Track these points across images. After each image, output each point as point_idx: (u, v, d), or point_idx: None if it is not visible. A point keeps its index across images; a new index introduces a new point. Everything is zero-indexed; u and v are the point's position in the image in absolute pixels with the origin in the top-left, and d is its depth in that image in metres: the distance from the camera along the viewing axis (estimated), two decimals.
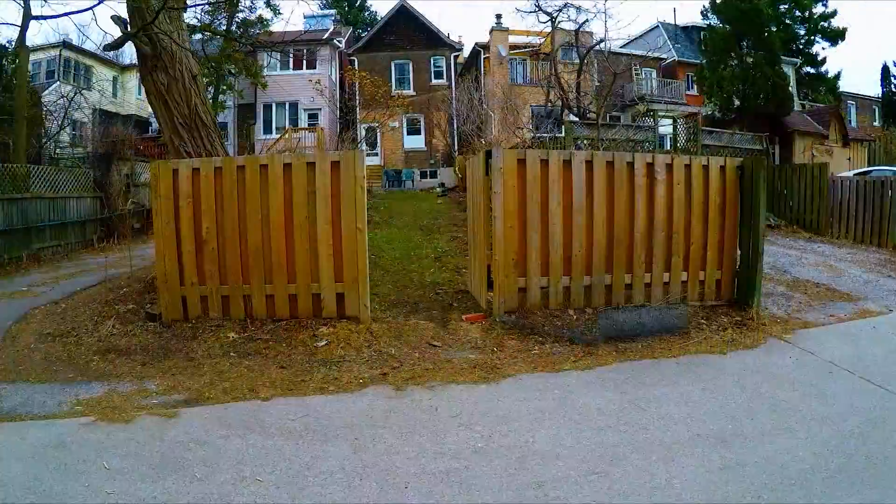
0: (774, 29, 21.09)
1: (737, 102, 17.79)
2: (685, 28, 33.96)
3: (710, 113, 19.67)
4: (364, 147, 26.08)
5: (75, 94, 17.96)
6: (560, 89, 17.24)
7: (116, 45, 8.57)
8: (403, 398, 4.03)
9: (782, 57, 19.50)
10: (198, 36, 23.83)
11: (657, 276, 5.86)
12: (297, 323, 5.42)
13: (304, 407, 3.89)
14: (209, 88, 22.68)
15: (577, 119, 16.54)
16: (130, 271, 7.75)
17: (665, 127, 17.41)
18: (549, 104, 19.84)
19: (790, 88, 19.86)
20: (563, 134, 14.80)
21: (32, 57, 25.42)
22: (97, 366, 4.77)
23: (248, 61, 23.51)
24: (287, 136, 22.22)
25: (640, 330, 5.24)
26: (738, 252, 6.06)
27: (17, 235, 10.33)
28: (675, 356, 4.81)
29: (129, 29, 7.21)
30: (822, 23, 30.44)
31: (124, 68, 29.78)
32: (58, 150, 17.91)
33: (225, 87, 22.75)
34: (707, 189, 5.90)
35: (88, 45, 27.11)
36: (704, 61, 19.47)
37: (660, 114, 17.91)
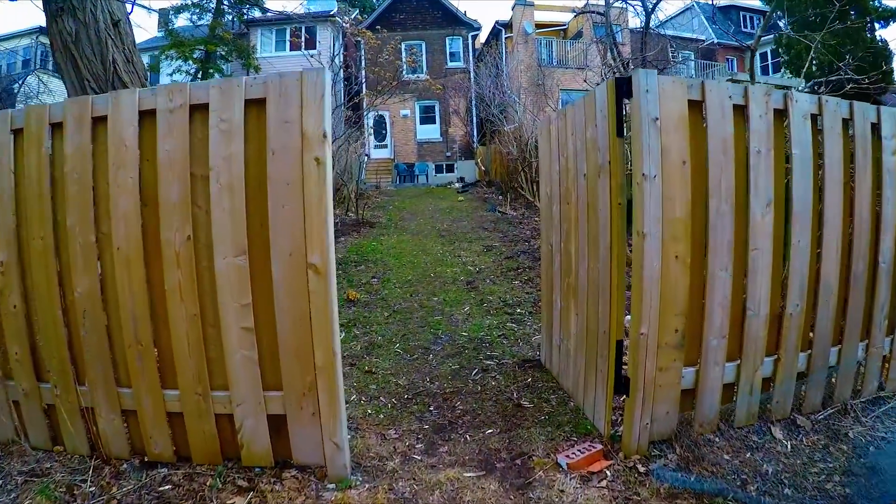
0: None
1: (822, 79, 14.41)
2: (723, 8, 30.53)
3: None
4: (371, 137, 23.11)
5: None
6: (616, 60, 14.02)
7: None
8: None
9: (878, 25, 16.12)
10: (185, 14, 21.11)
11: None
12: (190, 475, 2.40)
13: None
14: (196, 74, 19.87)
15: None
16: None
17: None
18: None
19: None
20: None
21: (7, 45, 22.95)
22: None
23: (240, 42, 20.64)
24: None
25: None
26: None
27: None
28: None
29: None
30: None
31: None
32: None
33: (212, 69, 19.87)
34: None
35: None
36: (785, 30, 16.10)
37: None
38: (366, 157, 22.30)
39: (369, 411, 3.05)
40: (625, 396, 2.46)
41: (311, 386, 2.21)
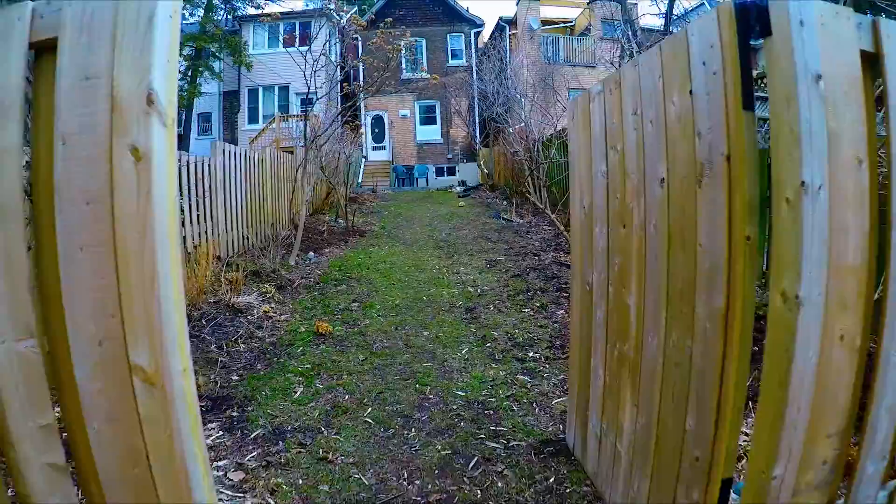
0: None
1: None
2: None
3: None
4: (369, 140, 22.08)
5: None
6: (634, 37, 12.92)
7: None
8: None
9: None
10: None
11: None
12: None
13: None
14: (185, 73, 18.86)
15: None
16: None
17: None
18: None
19: None
20: None
21: None
22: None
23: (231, 39, 19.65)
24: (275, 125, 18.31)
25: None
26: None
27: None
28: None
29: None
30: None
31: None
32: None
33: (202, 67, 18.87)
34: None
35: None
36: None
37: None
38: (363, 160, 21.27)
39: None
40: None
41: None
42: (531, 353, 3.79)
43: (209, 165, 6.40)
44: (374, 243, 8.65)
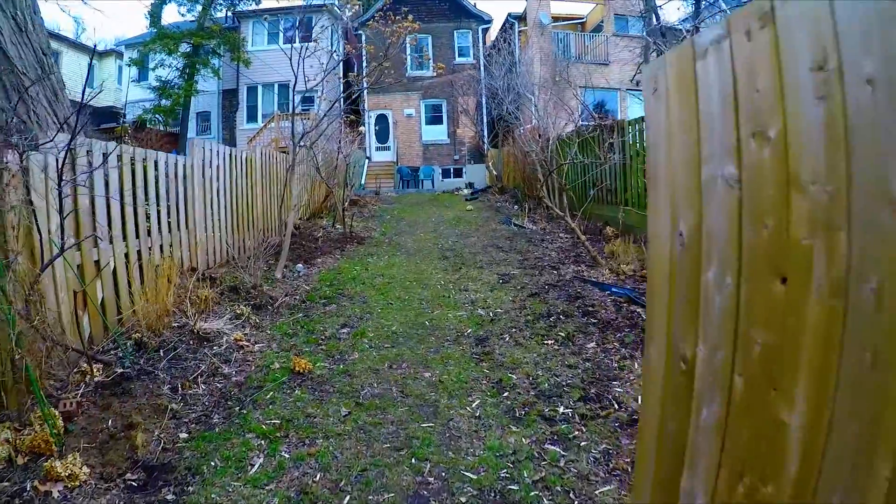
0: None
1: None
2: None
3: None
4: (373, 140, 21.29)
5: None
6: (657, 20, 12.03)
7: None
8: None
9: None
10: (172, 4, 19.46)
11: None
12: None
13: None
14: (183, 70, 18.14)
15: None
16: None
17: None
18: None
19: None
20: None
21: None
22: None
23: (230, 35, 18.94)
24: (273, 124, 17.56)
25: None
26: None
27: None
28: None
29: None
30: None
31: (102, 55, 25.60)
32: None
33: (199, 64, 18.15)
34: None
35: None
36: None
37: None
38: (366, 160, 20.47)
39: None
40: None
41: None
42: (561, 409, 2.94)
43: (185, 165, 5.61)
44: (373, 252, 7.83)
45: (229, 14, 20.11)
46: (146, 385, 3.52)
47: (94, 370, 3.68)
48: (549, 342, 4.04)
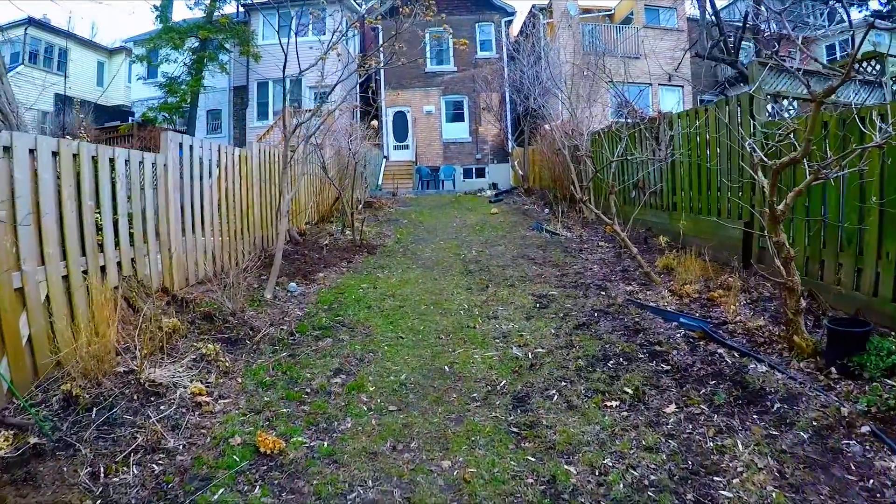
0: None
1: None
2: None
3: None
4: (390, 139, 20.30)
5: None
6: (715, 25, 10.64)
7: None
8: None
9: None
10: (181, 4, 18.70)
11: None
12: None
13: None
14: (191, 66, 17.39)
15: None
16: None
17: None
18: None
19: None
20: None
21: None
22: None
23: (239, 28, 18.13)
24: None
25: None
26: None
27: None
28: None
29: None
30: None
31: (112, 52, 25.17)
32: None
33: (207, 59, 17.37)
34: None
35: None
36: None
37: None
38: (384, 159, 19.48)
39: None
40: None
41: None
42: None
43: (154, 164, 4.65)
44: (385, 264, 6.78)
45: (240, 9, 19.31)
46: (59, 467, 2.53)
47: (1, 439, 2.71)
48: (613, 403, 2.92)
